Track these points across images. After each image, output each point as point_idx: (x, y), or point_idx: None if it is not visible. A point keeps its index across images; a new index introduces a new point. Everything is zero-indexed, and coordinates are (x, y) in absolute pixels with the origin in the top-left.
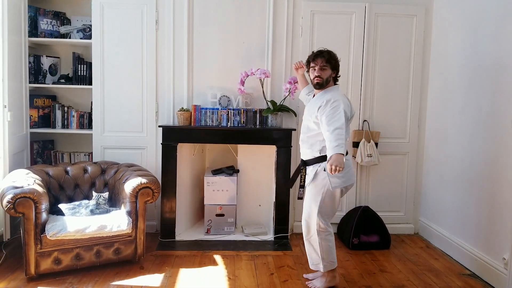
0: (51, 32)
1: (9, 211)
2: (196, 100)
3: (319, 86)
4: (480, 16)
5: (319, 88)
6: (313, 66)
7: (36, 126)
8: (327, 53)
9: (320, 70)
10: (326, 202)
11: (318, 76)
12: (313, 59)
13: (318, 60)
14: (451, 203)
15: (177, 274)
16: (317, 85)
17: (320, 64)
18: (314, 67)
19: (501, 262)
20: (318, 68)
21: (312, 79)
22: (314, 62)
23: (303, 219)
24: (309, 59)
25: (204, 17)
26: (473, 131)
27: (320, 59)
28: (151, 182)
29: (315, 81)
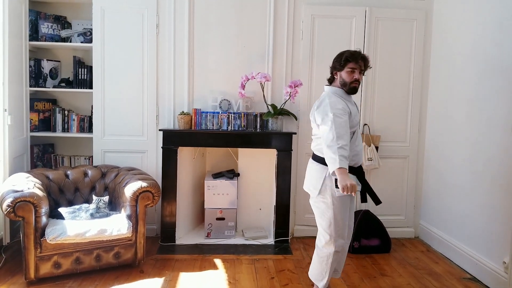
0: (52, 36)
1: (9, 215)
2: (196, 103)
3: (355, 92)
4: (480, 20)
5: (352, 93)
6: (353, 68)
7: (37, 130)
8: (367, 57)
9: (359, 74)
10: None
11: (358, 80)
12: (355, 60)
13: (362, 63)
14: (451, 206)
15: (177, 278)
16: (354, 90)
17: (362, 68)
18: (353, 69)
19: (502, 265)
20: (358, 71)
21: (349, 82)
22: (356, 64)
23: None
24: (349, 58)
25: (205, 20)
26: (473, 134)
27: (363, 62)
28: (152, 186)
29: (352, 85)
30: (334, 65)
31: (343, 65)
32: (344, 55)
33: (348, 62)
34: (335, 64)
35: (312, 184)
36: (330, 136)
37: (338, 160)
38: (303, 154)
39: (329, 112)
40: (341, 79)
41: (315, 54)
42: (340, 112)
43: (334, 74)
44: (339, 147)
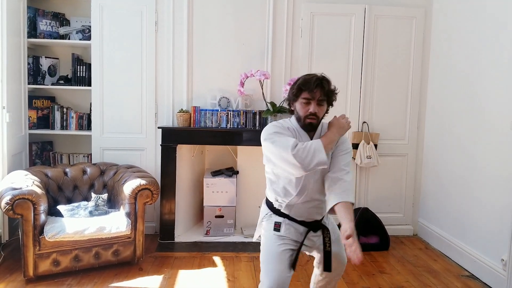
0: (50, 33)
1: (8, 212)
2: (195, 101)
3: (311, 129)
4: (480, 18)
5: (308, 130)
6: (308, 98)
7: (35, 127)
8: (327, 82)
9: (317, 106)
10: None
11: (314, 114)
12: (308, 88)
13: (317, 93)
14: (450, 204)
15: (176, 276)
16: (309, 126)
17: (318, 97)
18: (308, 100)
19: (500, 263)
20: (314, 103)
21: (303, 116)
22: (310, 92)
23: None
24: (301, 86)
25: (204, 18)
26: (472, 132)
27: (318, 90)
28: (150, 184)
29: (307, 120)
30: (289, 96)
31: (296, 95)
32: (298, 82)
33: (301, 92)
34: (289, 94)
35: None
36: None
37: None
38: None
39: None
40: (295, 112)
41: (315, 51)
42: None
43: (291, 105)
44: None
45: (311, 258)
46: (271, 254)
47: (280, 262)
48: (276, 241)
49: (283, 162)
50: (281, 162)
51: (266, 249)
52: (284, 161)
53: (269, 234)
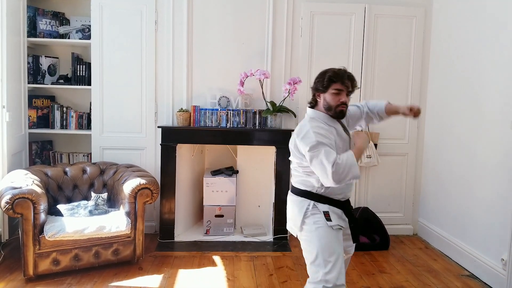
0: (50, 32)
1: (8, 211)
2: (195, 100)
3: (342, 116)
4: (480, 17)
5: (339, 118)
6: (339, 89)
7: (35, 127)
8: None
9: (346, 96)
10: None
11: (345, 104)
12: (340, 80)
13: (348, 83)
14: (450, 204)
15: (176, 275)
16: (341, 114)
17: (349, 89)
18: (339, 91)
19: (500, 263)
20: (345, 92)
21: (334, 105)
22: (342, 84)
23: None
24: (333, 78)
25: (204, 17)
26: (472, 132)
27: (349, 82)
28: (150, 183)
29: (339, 109)
30: (316, 86)
31: (327, 86)
32: (327, 74)
33: (332, 83)
34: (317, 85)
35: (293, 220)
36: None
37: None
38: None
39: (316, 141)
40: (325, 102)
41: (314, 51)
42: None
43: (317, 96)
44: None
45: None
46: (333, 248)
47: (342, 256)
48: (331, 232)
49: (320, 174)
50: (319, 174)
51: (324, 242)
52: (321, 174)
53: (323, 227)
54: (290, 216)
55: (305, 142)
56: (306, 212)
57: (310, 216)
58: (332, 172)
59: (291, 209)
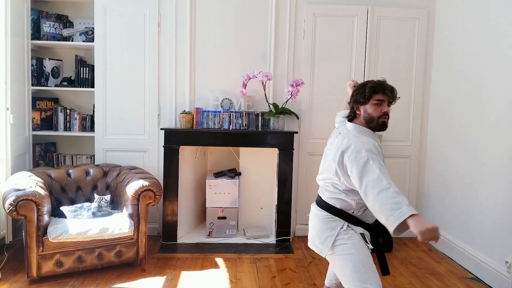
0: (54, 35)
1: (11, 213)
2: (198, 102)
3: (384, 128)
4: (482, 18)
5: (381, 130)
6: (381, 99)
7: (39, 129)
8: (393, 87)
9: (387, 107)
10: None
11: (387, 114)
12: (382, 90)
13: (389, 93)
14: (453, 206)
15: (178, 277)
16: (383, 125)
17: (389, 100)
18: (381, 102)
19: (504, 265)
20: (386, 103)
21: (377, 116)
22: (384, 94)
23: None
24: (375, 89)
25: (206, 19)
26: (476, 134)
27: (392, 93)
28: (153, 185)
29: (381, 120)
30: (356, 99)
31: (368, 98)
32: (368, 85)
33: (374, 94)
34: (357, 97)
35: (320, 239)
36: (382, 181)
37: (405, 204)
38: (304, 153)
39: (366, 157)
40: (365, 114)
41: (317, 53)
42: (376, 154)
43: (356, 109)
44: (395, 191)
45: (314, 260)
46: (369, 264)
47: (376, 271)
48: (367, 250)
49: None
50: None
51: (361, 259)
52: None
53: (359, 244)
54: (317, 234)
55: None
56: (339, 233)
57: (343, 238)
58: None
59: (318, 226)
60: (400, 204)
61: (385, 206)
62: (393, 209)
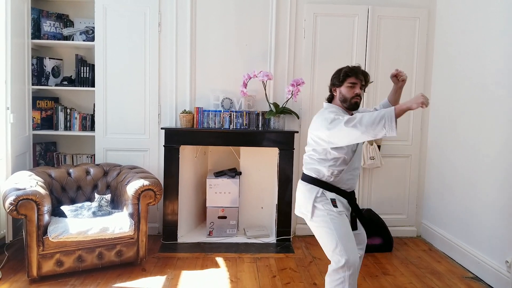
0: (54, 34)
1: (11, 213)
2: (198, 102)
3: (356, 108)
4: (483, 18)
5: (353, 109)
6: (354, 82)
7: (39, 128)
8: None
9: (360, 89)
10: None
11: (359, 96)
12: (355, 74)
13: (361, 77)
14: (453, 205)
15: (179, 277)
16: (355, 105)
17: (362, 82)
18: (354, 84)
19: (504, 265)
20: (359, 86)
21: (350, 97)
22: (356, 78)
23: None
24: (348, 73)
25: (207, 19)
26: (476, 133)
27: (362, 76)
28: (154, 184)
29: (354, 100)
30: (333, 82)
31: (343, 81)
32: (343, 70)
33: (347, 77)
34: (334, 81)
35: (304, 206)
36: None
37: (382, 113)
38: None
39: (333, 116)
40: (340, 95)
41: (317, 52)
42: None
43: (333, 91)
44: (361, 115)
45: (314, 259)
46: (343, 232)
47: (351, 238)
48: (339, 217)
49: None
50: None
51: (336, 227)
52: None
53: (331, 213)
54: (300, 202)
55: (323, 120)
56: (315, 199)
57: (319, 203)
58: (357, 122)
59: (301, 195)
60: (380, 113)
61: (373, 124)
62: (381, 119)
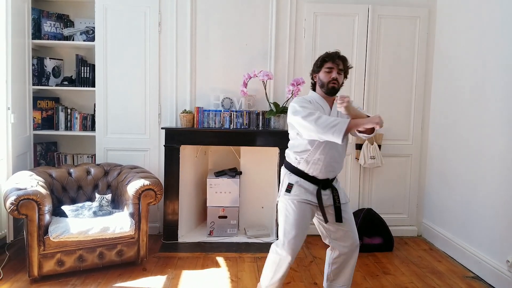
0: (55, 34)
1: (12, 212)
2: (198, 102)
3: (334, 92)
4: (484, 17)
5: (331, 94)
6: (330, 67)
7: (40, 128)
8: (345, 57)
9: (337, 74)
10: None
11: (336, 80)
12: (332, 59)
13: (339, 62)
14: (454, 205)
15: (179, 276)
16: (332, 90)
17: (340, 67)
18: (331, 69)
19: (505, 264)
20: (336, 70)
21: (327, 82)
22: (333, 63)
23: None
24: (325, 58)
25: (207, 19)
26: (477, 133)
27: (339, 61)
28: (154, 184)
29: (331, 85)
30: (313, 69)
31: (320, 66)
32: (321, 56)
33: (324, 62)
34: (314, 67)
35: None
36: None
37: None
38: None
39: (298, 106)
40: (319, 80)
41: (318, 52)
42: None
43: (314, 77)
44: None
45: (315, 259)
46: (294, 220)
47: (301, 228)
48: (297, 205)
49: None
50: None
51: (283, 212)
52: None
53: (291, 199)
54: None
55: (290, 107)
56: (282, 183)
57: (283, 186)
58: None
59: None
60: (336, 120)
61: (325, 128)
62: (333, 126)
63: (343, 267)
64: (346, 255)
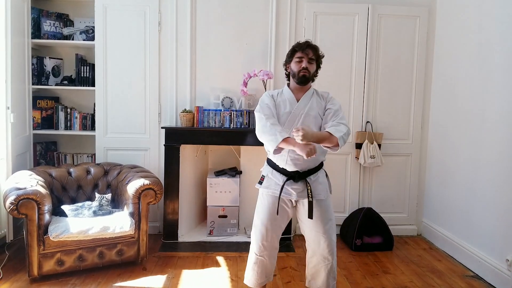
0: (54, 33)
1: (12, 212)
2: (198, 101)
3: (304, 81)
4: (484, 17)
5: (302, 83)
6: (301, 56)
7: (39, 128)
8: (315, 45)
9: (308, 63)
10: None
11: (306, 69)
12: (302, 49)
13: (308, 51)
14: (454, 204)
15: (179, 276)
16: (303, 78)
17: (310, 56)
18: (301, 58)
19: (505, 263)
20: (306, 60)
21: (297, 71)
22: (303, 52)
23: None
24: (295, 48)
25: (207, 18)
26: (476, 132)
27: (310, 50)
28: (154, 184)
29: (301, 74)
30: (285, 60)
31: (291, 56)
32: (292, 47)
33: (295, 52)
34: (286, 58)
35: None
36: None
37: (278, 134)
38: None
39: (260, 102)
40: (291, 71)
41: None
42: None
43: (287, 68)
44: (272, 124)
45: None
46: (257, 209)
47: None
48: (266, 198)
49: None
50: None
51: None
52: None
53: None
54: None
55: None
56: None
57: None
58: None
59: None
60: (277, 131)
61: (264, 133)
62: (271, 135)
63: (317, 269)
64: (317, 261)
